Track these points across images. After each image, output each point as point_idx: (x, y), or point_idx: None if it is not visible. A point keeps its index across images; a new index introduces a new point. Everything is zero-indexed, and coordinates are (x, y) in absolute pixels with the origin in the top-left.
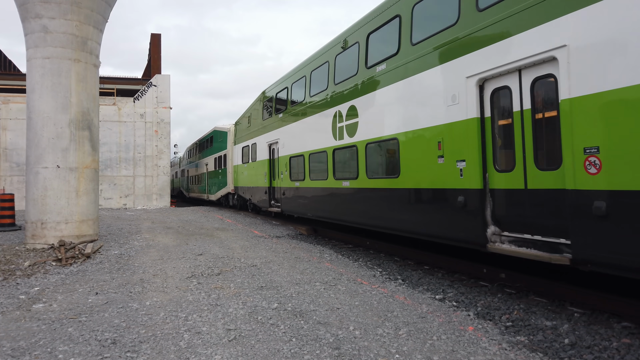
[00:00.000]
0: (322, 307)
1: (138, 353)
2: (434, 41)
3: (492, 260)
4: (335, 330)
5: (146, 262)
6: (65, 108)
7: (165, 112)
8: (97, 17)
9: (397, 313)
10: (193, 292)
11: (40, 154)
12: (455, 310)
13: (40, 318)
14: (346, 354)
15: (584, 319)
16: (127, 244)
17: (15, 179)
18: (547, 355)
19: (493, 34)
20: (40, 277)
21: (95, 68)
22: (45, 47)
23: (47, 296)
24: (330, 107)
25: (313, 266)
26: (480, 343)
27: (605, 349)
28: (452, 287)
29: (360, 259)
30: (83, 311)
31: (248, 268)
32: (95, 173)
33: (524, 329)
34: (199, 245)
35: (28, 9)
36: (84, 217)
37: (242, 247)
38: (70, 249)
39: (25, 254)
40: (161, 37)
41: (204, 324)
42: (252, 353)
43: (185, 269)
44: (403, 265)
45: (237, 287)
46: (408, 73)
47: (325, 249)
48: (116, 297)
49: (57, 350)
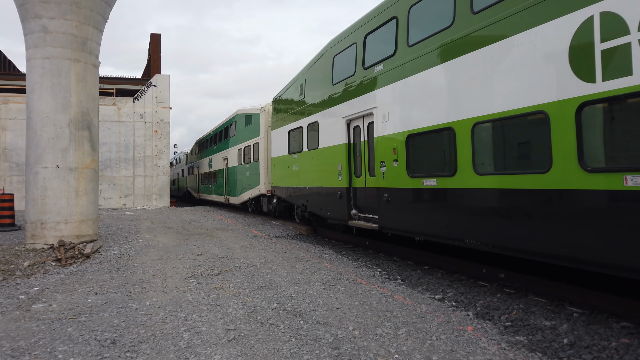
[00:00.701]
0: (321, 307)
1: (137, 353)
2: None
3: (492, 260)
4: (334, 330)
5: (146, 262)
6: (65, 108)
7: (165, 112)
8: (96, 17)
9: (396, 313)
10: (192, 292)
11: (40, 154)
12: (455, 310)
13: (39, 318)
14: (345, 353)
15: (583, 319)
16: (126, 244)
17: (15, 179)
18: (546, 355)
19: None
20: (40, 277)
21: (94, 68)
22: (44, 47)
23: (46, 296)
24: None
25: (312, 266)
26: (480, 343)
27: (604, 348)
28: (452, 287)
29: (359, 259)
30: (83, 311)
31: (248, 268)
32: (95, 173)
33: (523, 329)
34: (199, 245)
35: (28, 9)
36: (84, 217)
37: (241, 247)
38: (69, 249)
39: (24, 254)
40: (161, 37)
41: (204, 324)
42: (251, 353)
43: (185, 269)
44: (402, 265)
45: (237, 287)
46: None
47: (325, 249)
48: (116, 297)
49: (57, 350)
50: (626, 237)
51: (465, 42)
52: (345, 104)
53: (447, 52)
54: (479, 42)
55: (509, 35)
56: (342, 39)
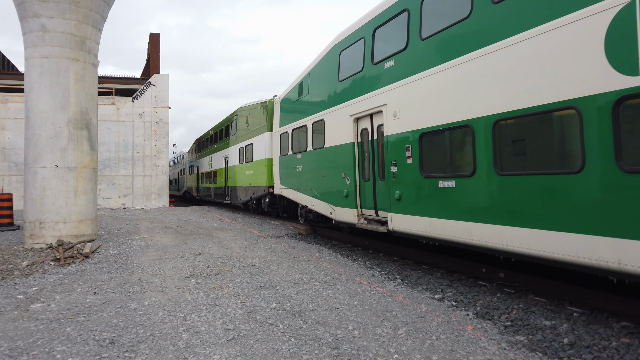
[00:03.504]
0: (321, 307)
1: (136, 353)
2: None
3: (491, 260)
4: (334, 330)
5: (145, 262)
6: (64, 107)
7: (164, 111)
8: (95, 17)
9: (396, 313)
10: (192, 291)
11: (39, 154)
12: (455, 310)
13: (38, 318)
14: (345, 353)
15: (583, 319)
16: (125, 244)
17: (14, 178)
18: (546, 355)
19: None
20: (39, 276)
21: (93, 67)
22: (43, 46)
23: (45, 296)
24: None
25: (312, 266)
26: (480, 343)
27: (604, 348)
28: (451, 286)
29: (359, 259)
30: (81, 311)
31: (247, 268)
32: (94, 173)
33: (523, 329)
34: (198, 245)
35: (26, 8)
36: (83, 217)
37: (240, 247)
38: (68, 249)
39: (23, 254)
40: (160, 36)
41: (203, 324)
42: (250, 353)
43: (184, 269)
44: (402, 264)
45: (236, 286)
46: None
47: (324, 249)
48: (114, 296)
49: (55, 350)
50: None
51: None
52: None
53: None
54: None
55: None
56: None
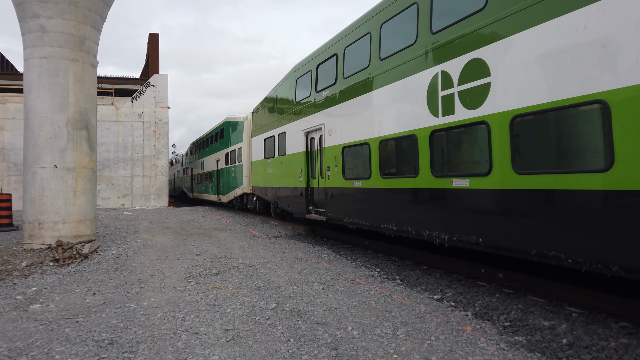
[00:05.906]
0: (320, 308)
1: (135, 354)
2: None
3: (491, 260)
4: (333, 330)
5: (144, 263)
6: (63, 108)
7: (163, 112)
8: (94, 17)
9: (395, 313)
10: (191, 292)
11: (38, 154)
12: (454, 310)
13: (37, 318)
14: (344, 354)
15: (582, 319)
16: (124, 244)
17: (13, 178)
18: (545, 355)
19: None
20: (38, 277)
21: (92, 68)
22: (42, 46)
23: (44, 296)
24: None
25: (311, 266)
26: (478, 343)
27: (603, 349)
28: (450, 287)
29: (358, 259)
30: (80, 311)
31: (246, 268)
32: (93, 173)
33: (522, 329)
34: (197, 246)
35: (25, 9)
36: (82, 217)
37: (240, 247)
38: (67, 249)
39: (22, 254)
40: (159, 37)
41: (202, 325)
42: (249, 353)
43: (183, 269)
44: (401, 265)
45: (235, 287)
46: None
47: (324, 249)
48: (114, 297)
49: (54, 350)
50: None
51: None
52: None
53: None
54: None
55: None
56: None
